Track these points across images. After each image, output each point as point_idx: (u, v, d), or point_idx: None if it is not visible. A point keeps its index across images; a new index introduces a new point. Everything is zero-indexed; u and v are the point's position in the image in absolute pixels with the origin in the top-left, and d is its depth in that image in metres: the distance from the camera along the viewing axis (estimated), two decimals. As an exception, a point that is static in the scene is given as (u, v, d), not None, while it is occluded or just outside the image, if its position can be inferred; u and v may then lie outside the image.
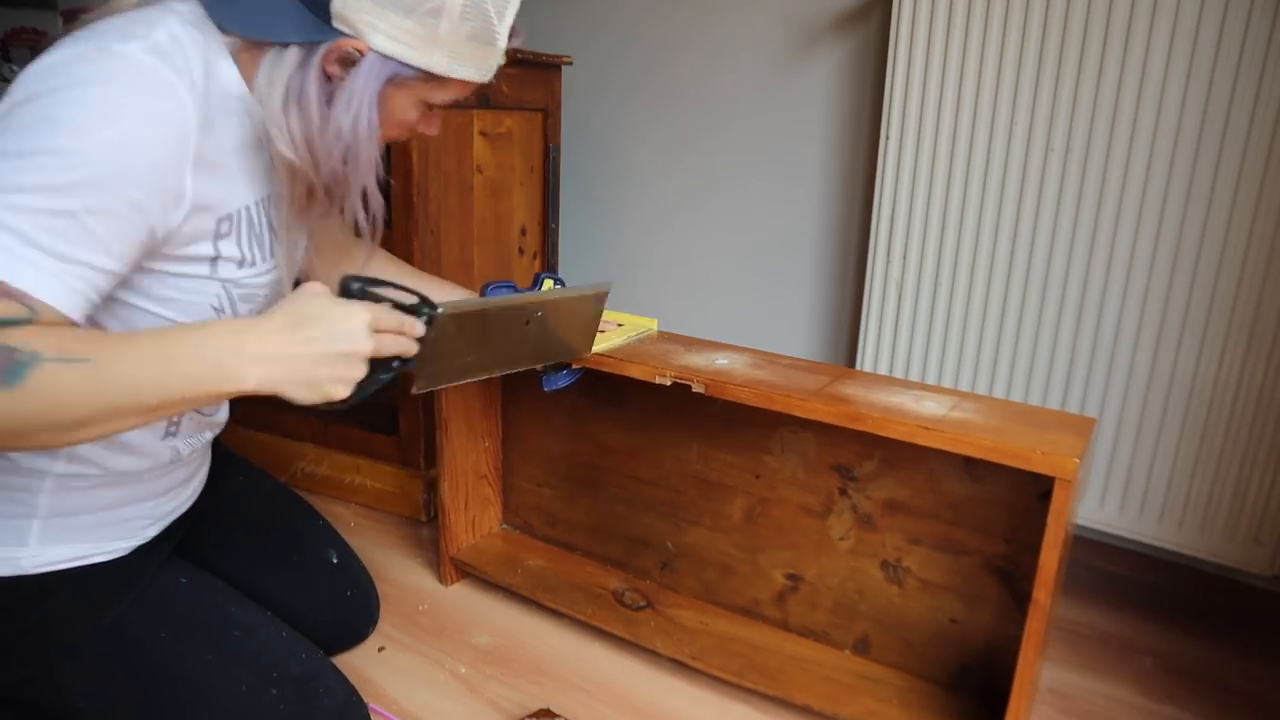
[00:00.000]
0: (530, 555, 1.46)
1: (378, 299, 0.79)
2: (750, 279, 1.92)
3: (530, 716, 1.14)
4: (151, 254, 0.77)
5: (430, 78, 0.82)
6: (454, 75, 0.83)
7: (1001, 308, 1.51)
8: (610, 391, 1.35)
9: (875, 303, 1.63)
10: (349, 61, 0.79)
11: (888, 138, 1.55)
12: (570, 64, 1.83)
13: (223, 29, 0.79)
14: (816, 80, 1.74)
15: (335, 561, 1.25)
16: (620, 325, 1.31)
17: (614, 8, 1.96)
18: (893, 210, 1.56)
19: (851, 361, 1.79)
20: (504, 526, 1.55)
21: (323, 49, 0.78)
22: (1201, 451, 1.40)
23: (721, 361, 1.17)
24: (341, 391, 0.75)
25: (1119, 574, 1.57)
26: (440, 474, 1.40)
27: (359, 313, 0.75)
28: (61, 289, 0.67)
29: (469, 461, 1.44)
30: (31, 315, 0.65)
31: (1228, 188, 1.31)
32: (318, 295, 0.75)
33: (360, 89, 0.79)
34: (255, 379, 0.71)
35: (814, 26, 1.73)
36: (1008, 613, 1.11)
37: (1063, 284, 1.45)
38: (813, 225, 1.82)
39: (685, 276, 2.01)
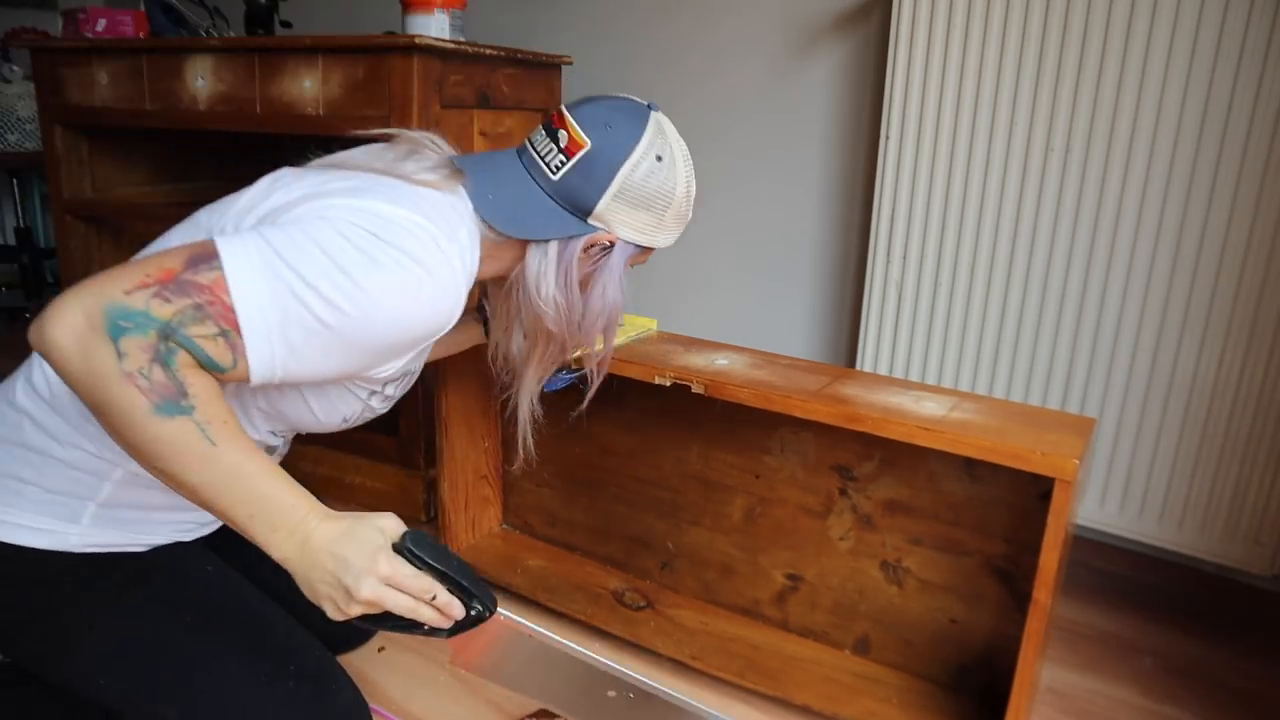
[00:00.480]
0: (530, 555, 1.46)
1: (421, 564, 0.78)
2: (750, 279, 1.92)
3: (530, 716, 1.14)
4: None
5: (647, 249, 1.03)
6: (664, 245, 1.04)
7: (1001, 308, 1.51)
8: (610, 392, 1.35)
9: (875, 303, 1.63)
10: (599, 249, 0.98)
11: (888, 138, 1.55)
12: (570, 64, 1.83)
13: (493, 228, 0.94)
14: (816, 80, 1.74)
15: None
16: (619, 325, 1.31)
17: (614, 8, 1.96)
18: (893, 210, 1.56)
19: (851, 361, 1.79)
20: (504, 526, 1.55)
21: (582, 240, 0.96)
22: (1201, 451, 1.40)
23: (721, 362, 1.18)
24: (332, 613, 0.78)
25: (1119, 574, 1.57)
26: (440, 474, 1.40)
27: (380, 565, 0.76)
28: (266, 368, 0.76)
29: (469, 461, 1.44)
30: (232, 368, 0.75)
31: (1228, 187, 1.31)
32: (377, 529, 0.79)
33: (615, 268, 0.99)
34: (283, 558, 0.77)
35: (814, 27, 1.72)
36: (1008, 613, 1.11)
37: (1063, 284, 1.45)
38: (813, 225, 1.82)
39: (685, 276, 2.01)
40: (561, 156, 0.94)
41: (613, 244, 0.97)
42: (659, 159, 0.95)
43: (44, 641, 0.91)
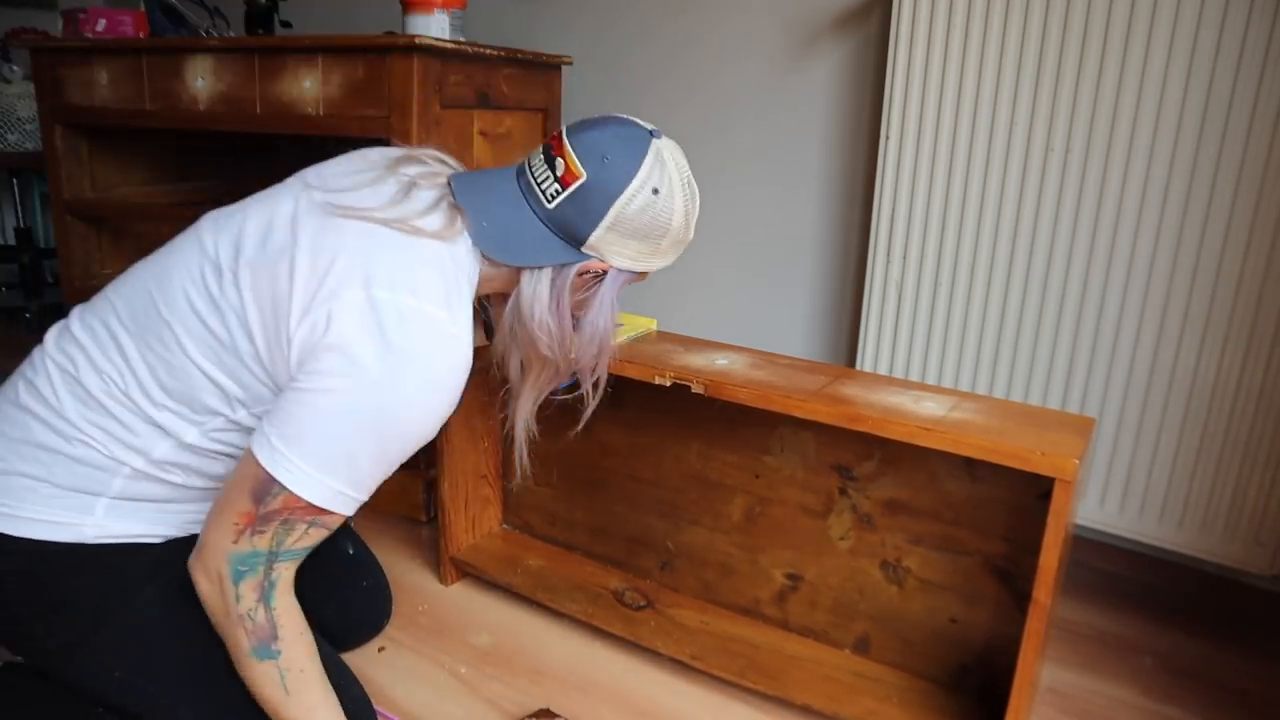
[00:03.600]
0: (530, 555, 1.46)
1: None
2: (750, 279, 1.92)
3: (530, 716, 1.14)
4: None
5: (641, 275, 1.02)
6: (660, 268, 1.03)
7: (1001, 308, 1.51)
8: (610, 392, 1.35)
9: (875, 303, 1.63)
10: (593, 277, 0.98)
11: (888, 138, 1.55)
12: (570, 64, 1.83)
13: (490, 258, 0.96)
14: (816, 80, 1.74)
15: (351, 553, 1.27)
16: (619, 325, 1.31)
17: (614, 8, 1.96)
18: (893, 210, 1.56)
19: (851, 361, 1.79)
20: (504, 526, 1.55)
21: (575, 268, 0.97)
22: (1201, 451, 1.40)
23: (721, 362, 1.18)
24: None
25: (1119, 574, 1.57)
26: (440, 474, 1.40)
27: None
28: (355, 506, 0.90)
29: (469, 461, 1.44)
30: (335, 526, 0.90)
31: (1228, 187, 1.31)
32: None
33: (608, 296, 0.99)
34: None
35: (814, 27, 1.73)
36: (1007, 613, 1.11)
37: (1063, 284, 1.45)
38: (813, 225, 1.82)
39: (685, 276, 2.01)
40: (557, 185, 0.93)
41: (606, 272, 0.98)
42: (655, 192, 0.94)
43: (59, 635, 0.92)
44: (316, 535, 0.88)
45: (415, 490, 1.66)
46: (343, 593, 1.23)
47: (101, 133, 1.98)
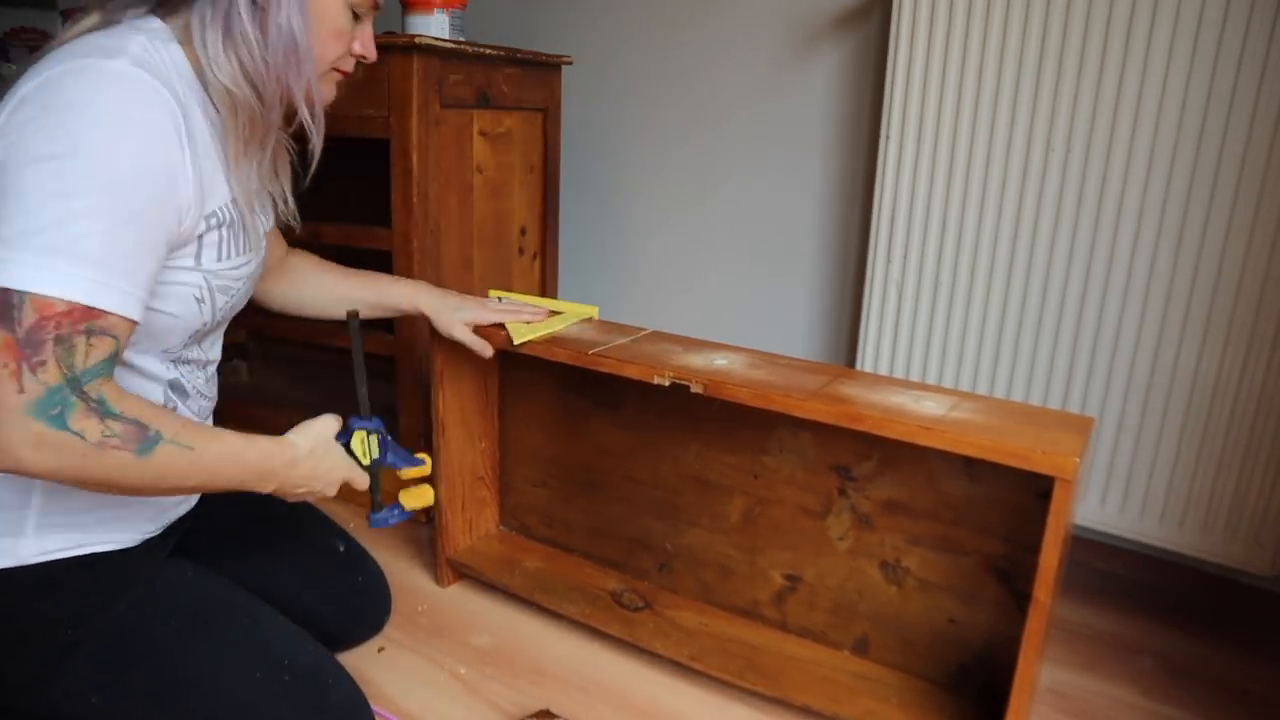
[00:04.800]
0: (528, 556, 1.46)
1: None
2: (750, 279, 1.92)
3: (530, 717, 1.13)
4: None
5: None
6: None
7: (1001, 308, 1.51)
8: (608, 392, 1.35)
9: (875, 303, 1.62)
10: None
11: (888, 138, 1.54)
12: (570, 64, 1.83)
13: (170, 7, 0.86)
14: (816, 80, 1.74)
15: (342, 550, 1.25)
16: (559, 313, 1.32)
17: (614, 7, 1.96)
18: (893, 210, 1.56)
19: (851, 361, 1.78)
20: (501, 528, 1.55)
21: None
22: (1202, 451, 1.40)
23: (720, 362, 1.17)
24: (312, 499, 1.02)
25: (1119, 574, 1.56)
26: (437, 475, 1.40)
27: (341, 473, 1.03)
28: (127, 304, 0.78)
29: (466, 463, 1.44)
30: (125, 342, 0.79)
31: (1228, 187, 1.31)
32: (329, 444, 1.02)
33: None
34: (275, 492, 0.95)
35: (814, 26, 1.72)
36: (1007, 613, 1.11)
37: (1063, 284, 1.45)
38: (813, 225, 1.81)
39: (685, 276, 2.01)
40: None
41: None
42: None
43: (27, 667, 0.88)
44: (105, 346, 0.76)
45: (414, 490, 1.66)
46: (338, 590, 1.22)
47: (101, 133, 1.98)
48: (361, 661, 1.25)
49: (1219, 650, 1.36)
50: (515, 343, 1.20)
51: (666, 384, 1.11)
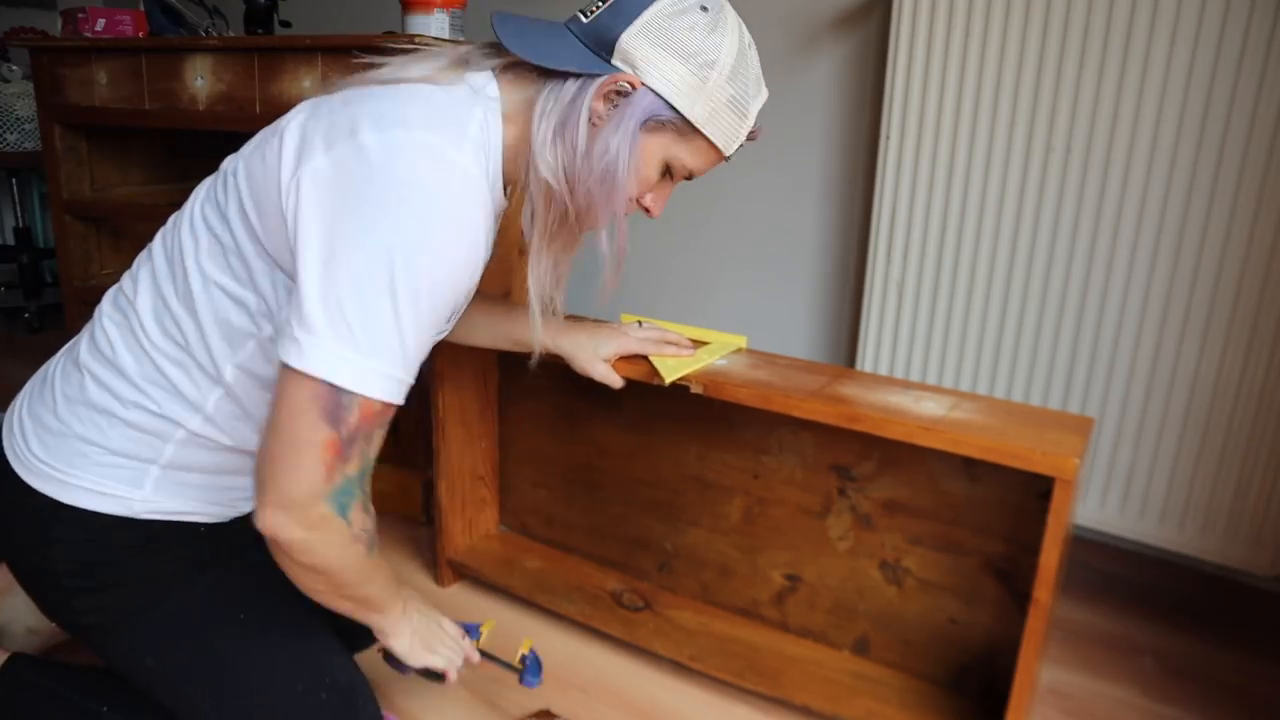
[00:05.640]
0: (528, 557, 1.46)
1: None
2: (750, 279, 1.92)
3: (530, 717, 1.13)
4: None
5: (684, 130, 0.88)
6: (705, 132, 0.88)
7: (1002, 308, 1.51)
8: (607, 392, 1.35)
9: (875, 303, 1.62)
10: (620, 95, 0.85)
11: (888, 138, 1.54)
12: (569, 64, 1.82)
13: (508, 54, 0.87)
14: (816, 80, 1.74)
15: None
16: (704, 343, 1.21)
17: (613, 8, 1.96)
18: (893, 210, 1.56)
19: (851, 361, 1.78)
20: (501, 528, 1.55)
21: (599, 81, 0.84)
22: (1202, 452, 1.40)
23: (720, 362, 1.17)
24: (423, 665, 1.02)
25: (1119, 574, 1.56)
26: (437, 476, 1.40)
27: (456, 655, 1.05)
28: (404, 393, 0.80)
29: (466, 463, 1.44)
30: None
31: (1228, 187, 1.31)
32: (445, 626, 1.06)
33: (628, 117, 0.85)
34: (397, 647, 1.00)
35: (814, 26, 1.72)
36: (1007, 613, 1.11)
37: (1063, 284, 1.45)
38: (813, 225, 1.81)
39: (685, 276, 2.01)
40: (600, 1, 0.86)
41: (634, 88, 0.85)
42: (704, 9, 0.84)
43: (103, 612, 0.91)
44: (382, 436, 0.81)
45: (415, 490, 1.66)
46: None
47: (101, 132, 1.98)
48: (362, 662, 1.25)
49: (1219, 650, 1.36)
50: (667, 382, 1.10)
51: (666, 384, 1.11)
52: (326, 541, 0.79)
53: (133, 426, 0.87)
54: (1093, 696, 1.25)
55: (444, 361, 1.34)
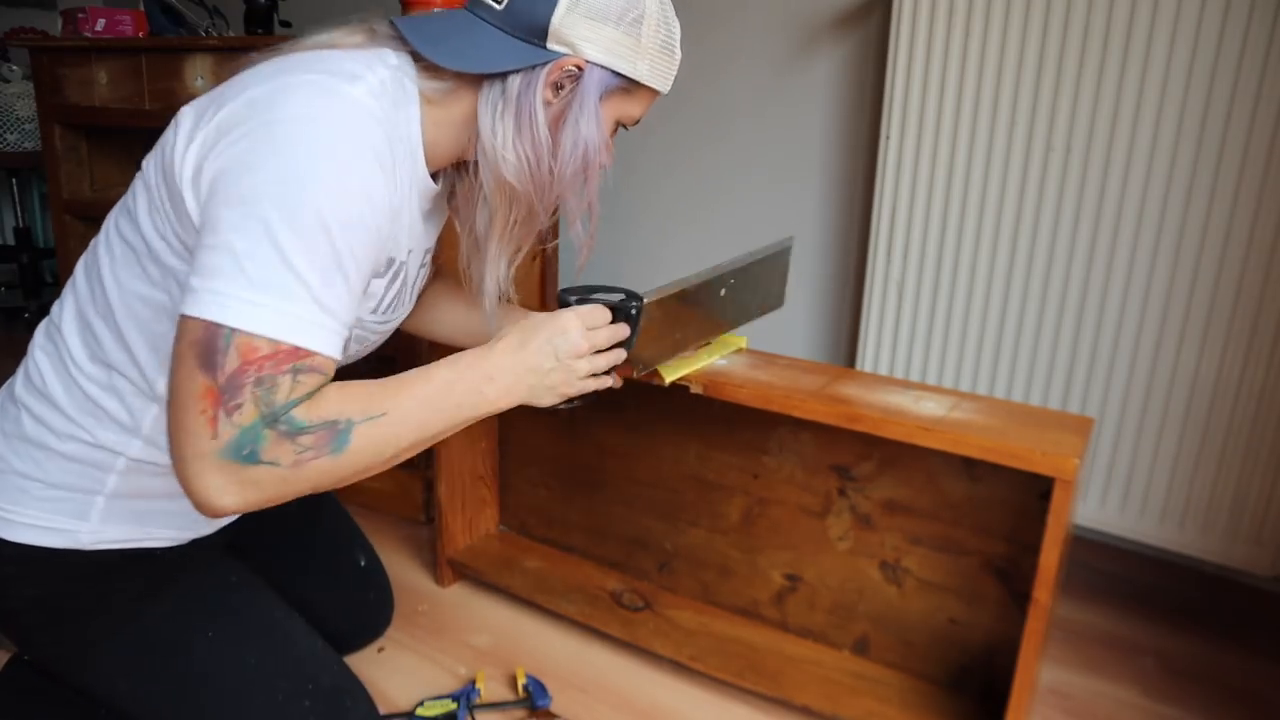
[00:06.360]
0: (528, 557, 1.46)
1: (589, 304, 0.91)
2: (750, 279, 1.92)
3: (530, 716, 1.13)
4: None
5: (630, 88, 0.88)
6: (652, 84, 0.89)
7: (1002, 308, 1.51)
8: (607, 392, 1.35)
9: (875, 303, 1.62)
10: (567, 79, 0.84)
11: (888, 138, 1.54)
12: (569, 64, 1.82)
13: (435, 70, 0.83)
14: (816, 80, 1.74)
15: (363, 565, 1.25)
16: (705, 344, 1.20)
17: (613, 7, 1.96)
18: (893, 210, 1.56)
19: (851, 361, 1.78)
20: (501, 528, 1.55)
21: (544, 71, 0.82)
22: (1202, 452, 1.40)
23: (720, 362, 1.17)
24: (574, 390, 0.89)
25: (1119, 574, 1.56)
26: (437, 475, 1.40)
27: (570, 319, 0.88)
28: (337, 345, 0.75)
29: (466, 463, 1.44)
30: (330, 374, 0.75)
31: (1228, 187, 1.31)
32: (532, 315, 0.88)
33: (586, 99, 0.84)
34: (506, 401, 0.85)
35: (814, 26, 1.72)
36: (1007, 613, 1.11)
37: (1063, 284, 1.45)
38: (813, 225, 1.81)
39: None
40: None
41: (581, 69, 0.83)
42: None
43: (65, 644, 0.90)
44: (311, 382, 0.72)
45: (415, 490, 1.66)
46: (350, 603, 1.22)
47: (101, 132, 1.98)
48: (361, 661, 1.25)
49: (1219, 650, 1.36)
50: (667, 382, 1.09)
51: (666, 384, 1.11)
52: (262, 492, 0.71)
53: (69, 459, 0.85)
54: (1093, 697, 1.25)
55: (444, 361, 1.34)
